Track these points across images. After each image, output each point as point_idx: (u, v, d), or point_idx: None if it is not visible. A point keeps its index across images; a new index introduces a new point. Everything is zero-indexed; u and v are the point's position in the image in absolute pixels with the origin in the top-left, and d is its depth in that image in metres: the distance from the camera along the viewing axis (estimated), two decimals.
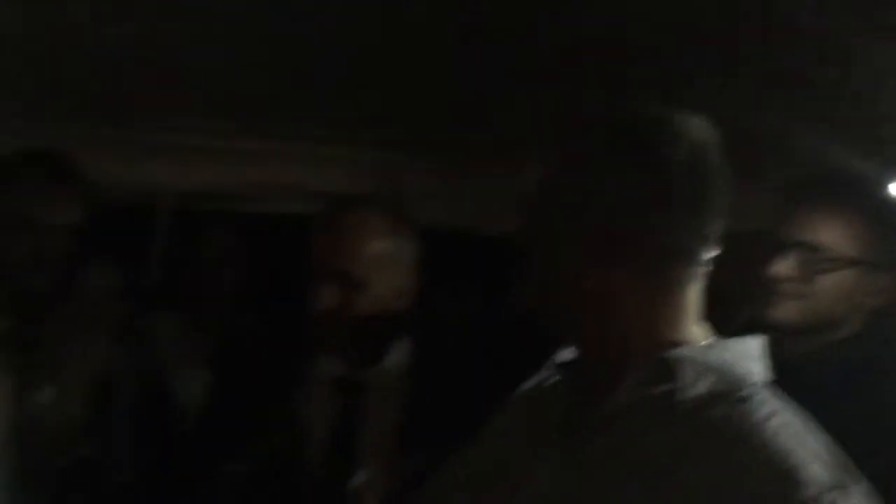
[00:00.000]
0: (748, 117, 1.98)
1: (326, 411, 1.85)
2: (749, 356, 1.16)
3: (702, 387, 1.10)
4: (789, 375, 1.21)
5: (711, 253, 1.17)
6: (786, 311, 1.75)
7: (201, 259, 2.73)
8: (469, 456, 1.34)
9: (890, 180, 2.01)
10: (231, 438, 1.82)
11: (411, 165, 2.76)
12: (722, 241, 1.17)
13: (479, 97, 2.36)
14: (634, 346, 1.14)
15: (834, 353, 1.76)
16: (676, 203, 1.12)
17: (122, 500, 2.13)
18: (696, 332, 1.17)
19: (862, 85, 1.98)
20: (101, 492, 2.10)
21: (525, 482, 1.17)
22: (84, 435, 2.11)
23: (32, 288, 2.07)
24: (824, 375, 1.69)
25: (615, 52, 1.99)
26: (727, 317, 1.37)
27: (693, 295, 1.17)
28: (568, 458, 1.14)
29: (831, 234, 1.75)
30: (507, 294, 2.64)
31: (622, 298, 1.14)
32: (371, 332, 1.84)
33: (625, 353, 1.14)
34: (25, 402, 2.04)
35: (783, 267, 1.75)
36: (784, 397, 1.15)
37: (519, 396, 1.37)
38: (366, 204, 1.89)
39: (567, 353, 1.27)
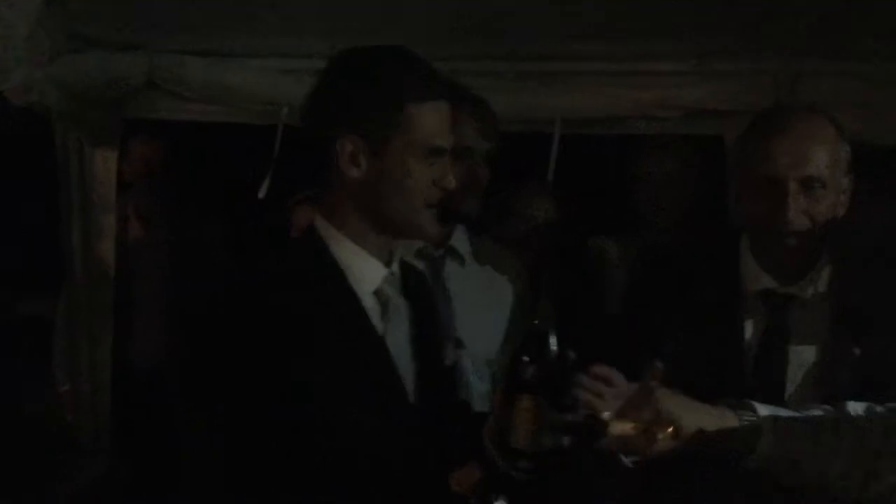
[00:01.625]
0: None
1: (755, 325, 1.84)
2: None
3: None
4: None
5: None
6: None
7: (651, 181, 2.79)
8: None
9: None
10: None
11: (823, 73, 2.53)
12: None
13: None
14: None
15: None
16: None
17: None
18: None
19: None
20: None
21: None
22: None
23: (463, 212, 2.16)
24: None
25: None
26: None
27: None
28: None
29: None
30: None
31: None
32: (806, 244, 1.78)
33: None
34: None
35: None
36: None
37: None
38: (814, 110, 1.89)
39: None
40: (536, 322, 1.48)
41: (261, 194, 3.17)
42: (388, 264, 1.65)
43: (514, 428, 1.43)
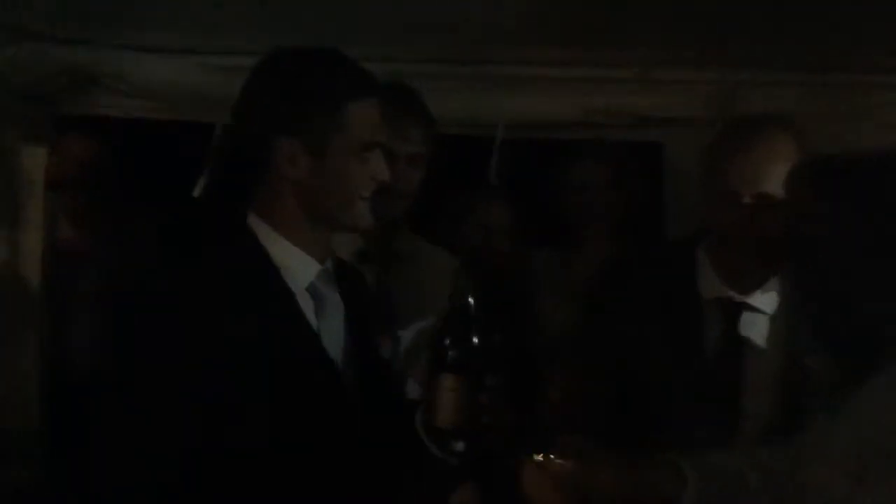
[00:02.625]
0: None
1: (712, 333, 1.86)
2: None
3: None
4: None
5: None
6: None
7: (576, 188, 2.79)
8: None
9: None
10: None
11: (757, 83, 2.60)
12: None
13: None
14: None
15: None
16: None
17: None
18: None
19: None
20: None
21: None
22: None
23: (386, 214, 2.14)
24: None
25: None
26: None
27: None
28: None
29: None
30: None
31: None
32: (763, 254, 1.81)
33: None
34: None
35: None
36: None
37: None
38: (777, 124, 1.90)
39: None
40: (458, 301, 1.50)
41: (196, 192, 3.12)
42: (322, 261, 1.67)
43: (438, 408, 1.45)
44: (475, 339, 1.46)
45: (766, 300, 1.88)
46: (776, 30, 2.45)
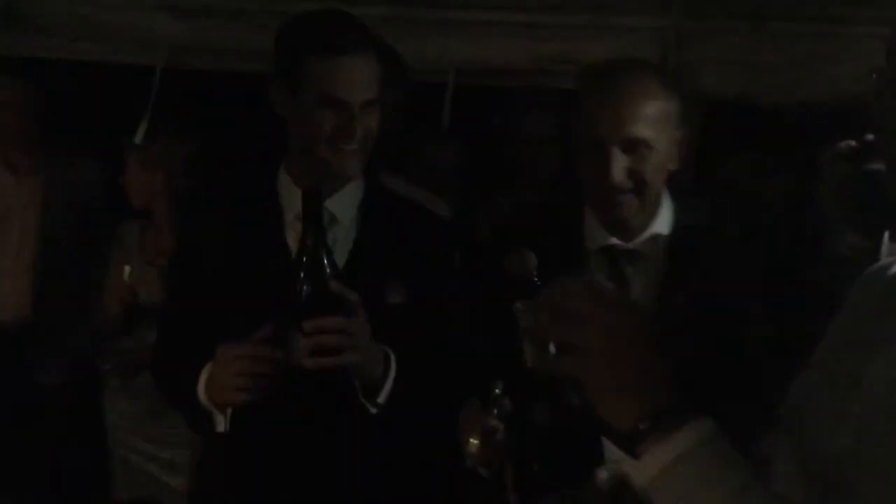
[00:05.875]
0: None
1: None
2: None
3: None
4: None
5: None
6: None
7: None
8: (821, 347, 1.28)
9: None
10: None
11: (709, 31, 2.62)
12: None
13: None
14: None
15: None
16: None
17: None
18: None
19: None
20: None
21: (869, 371, 1.09)
22: None
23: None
24: None
25: None
26: None
27: None
28: None
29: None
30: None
31: None
32: (640, 201, 1.81)
33: None
34: None
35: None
36: None
37: (869, 280, 1.29)
38: (637, 65, 1.86)
39: None
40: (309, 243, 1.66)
41: (137, 139, 3.06)
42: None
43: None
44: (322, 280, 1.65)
45: (647, 244, 1.85)
46: None
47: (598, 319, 0.99)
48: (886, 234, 1.83)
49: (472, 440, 1.63)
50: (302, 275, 1.66)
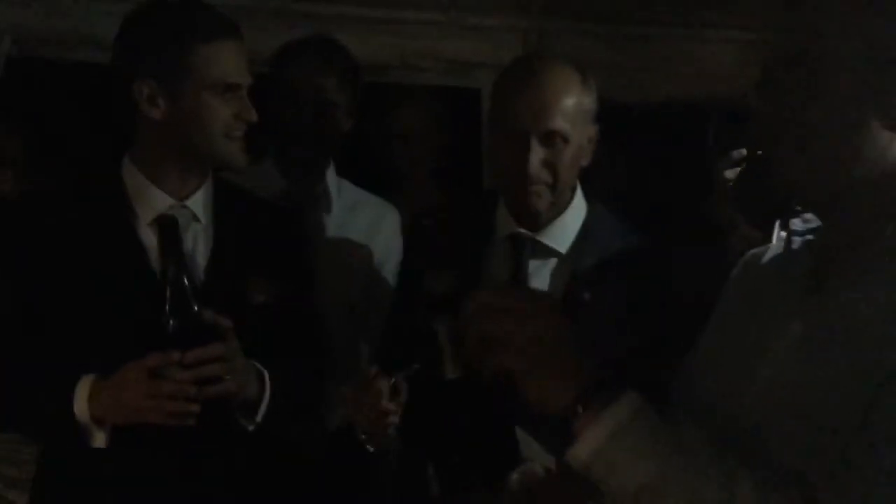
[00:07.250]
0: None
1: (504, 268, 1.89)
2: None
3: None
4: None
5: None
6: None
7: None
8: (708, 329, 1.34)
9: None
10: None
11: (569, 31, 2.69)
12: None
13: None
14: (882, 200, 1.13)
15: None
16: None
17: None
18: None
19: None
20: None
21: (773, 340, 1.17)
22: None
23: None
24: None
25: None
26: None
27: None
28: (819, 311, 1.14)
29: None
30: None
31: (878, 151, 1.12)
32: (552, 194, 1.85)
33: (876, 207, 1.14)
34: None
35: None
36: None
37: (748, 265, 1.37)
38: (556, 60, 1.88)
39: (799, 222, 1.27)
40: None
41: None
42: (181, 197, 1.81)
43: None
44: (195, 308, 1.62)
45: (555, 236, 1.90)
46: None
47: (528, 313, 1.09)
48: (777, 224, 1.93)
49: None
50: (167, 307, 1.62)
